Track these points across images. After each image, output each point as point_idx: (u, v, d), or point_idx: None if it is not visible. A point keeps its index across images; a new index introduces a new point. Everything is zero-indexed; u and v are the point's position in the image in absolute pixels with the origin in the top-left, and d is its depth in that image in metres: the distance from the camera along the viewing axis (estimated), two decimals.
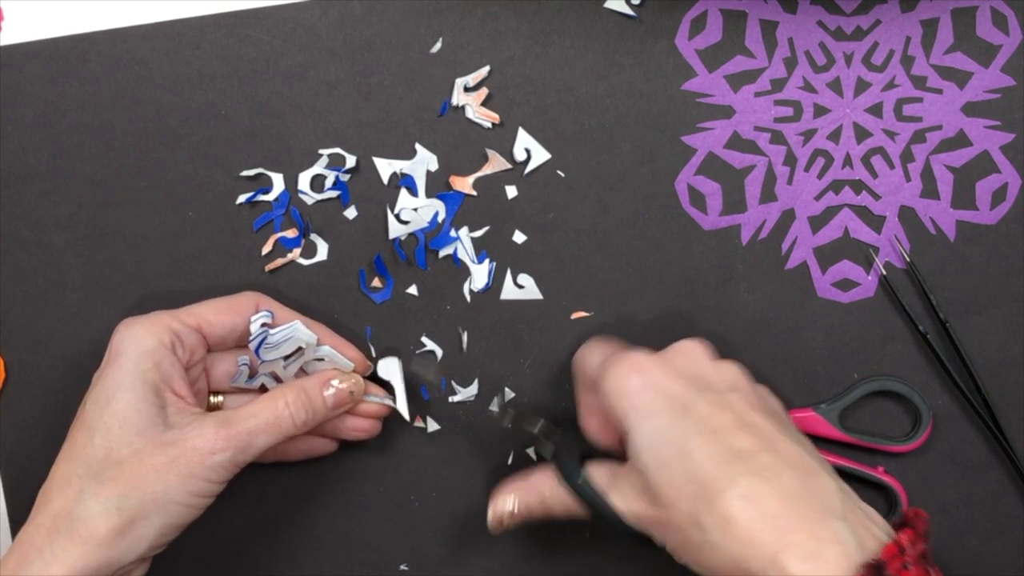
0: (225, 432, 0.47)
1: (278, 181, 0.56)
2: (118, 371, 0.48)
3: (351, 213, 0.56)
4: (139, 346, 0.49)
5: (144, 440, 0.47)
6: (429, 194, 0.56)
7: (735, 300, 0.55)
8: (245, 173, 0.56)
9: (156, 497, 0.46)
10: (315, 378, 0.51)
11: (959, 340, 0.54)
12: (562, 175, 0.55)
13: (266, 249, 0.56)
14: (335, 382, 0.51)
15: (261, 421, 0.48)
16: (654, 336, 0.55)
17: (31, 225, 0.56)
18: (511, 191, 0.56)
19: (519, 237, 0.56)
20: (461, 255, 0.56)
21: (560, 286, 0.56)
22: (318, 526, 0.57)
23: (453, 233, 0.56)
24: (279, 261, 0.56)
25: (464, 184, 0.56)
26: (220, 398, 0.53)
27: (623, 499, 0.47)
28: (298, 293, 0.56)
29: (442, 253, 0.56)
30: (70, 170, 0.56)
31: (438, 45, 0.55)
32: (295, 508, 0.56)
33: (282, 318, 0.52)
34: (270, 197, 0.56)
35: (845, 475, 0.55)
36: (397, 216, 0.56)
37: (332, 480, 0.56)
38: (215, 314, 0.51)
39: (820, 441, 0.55)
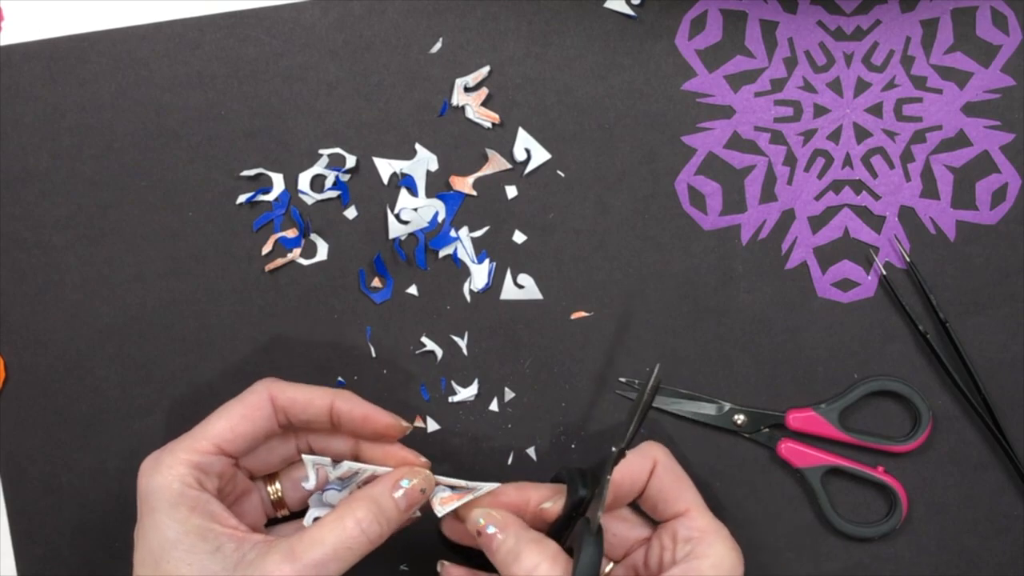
0: (291, 569, 0.43)
1: (278, 181, 0.56)
2: (156, 529, 0.45)
3: (351, 213, 0.56)
4: (167, 496, 0.45)
5: None
6: (429, 194, 0.56)
7: (735, 300, 0.55)
8: (245, 173, 0.56)
9: None
10: (383, 482, 0.47)
11: (959, 340, 0.54)
12: (562, 175, 0.55)
13: (266, 249, 0.56)
14: (404, 482, 0.47)
15: (330, 549, 0.44)
16: (654, 336, 0.55)
17: (31, 225, 0.56)
18: (511, 191, 0.56)
19: (519, 237, 0.56)
20: (461, 255, 0.56)
21: (560, 286, 0.56)
22: None
23: (453, 233, 0.56)
24: (279, 261, 0.56)
25: (464, 184, 0.56)
26: (277, 485, 0.51)
27: None
28: (298, 293, 0.56)
29: (442, 253, 0.56)
30: (70, 170, 0.56)
31: (438, 45, 0.55)
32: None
33: (297, 398, 0.48)
34: (270, 197, 0.56)
35: (845, 475, 0.55)
36: (397, 216, 0.56)
37: None
38: (231, 431, 0.47)
39: (820, 441, 0.55)
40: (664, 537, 0.49)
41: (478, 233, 0.56)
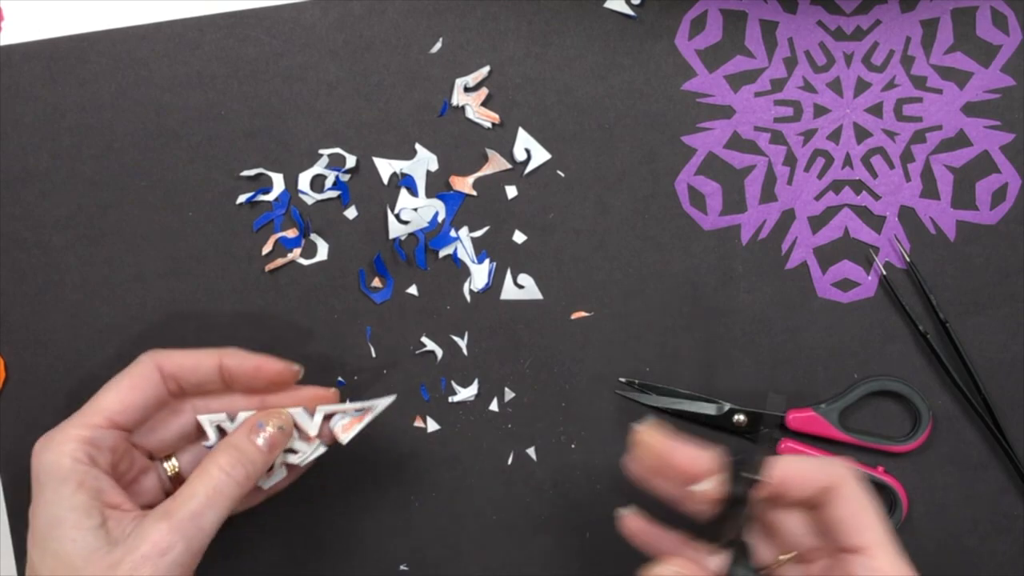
0: (167, 525, 0.44)
1: (278, 181, 0.56)
2: (44, 507, 0.45)
3: (351, 213, 0.56)
4: (56, 473, 0.45)
5: (92, 570, 0.44)
6: (429, 194, 0.56)
7: (735, 300, 0.55)
8: (245, 173, 0.56)
9: None
10: (241, 429, 0.48)
11: (959, 340, 0.54)
12: (562, 175, 0.55)
13: (266, 249, 0.56)
14: (262, 424, 0.48)
15: (202, 497, 0.45)
16: (654, 336, 0.55)
17: (31, 225, 0.56)
18: (511, 191, 0.56)
19: (519, 237, 0.56)
20: (461, 255, 0.56)
21: (560, 286, 0.56)
22: (318, 526, 0.57)
23: (453, 233, 0.56)
24: (279, 261, 0.56)
25: (464, 184, 0.56)
26: (174, 461, 0.51)
27: None
28: (298, 293, 0.56)
29: (442, 253, 0.56)
30: (70, 170, 0.56)
31: (438, 45, 0.55)
32: (295, 508, 0.56)
33: (184, 362, 0.49)
34: (270, 197, 0.56)
35: None
36: (397, 216, 0.56)
37: (332, 480, 0.56)
38: (120, 403, 0.47)
39: (820, 441, 0.55)
40: (836, 570, 0.44)
41: (478, 233, 0.56)
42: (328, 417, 0.50)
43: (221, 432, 0.50)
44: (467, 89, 0.55)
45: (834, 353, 0.55)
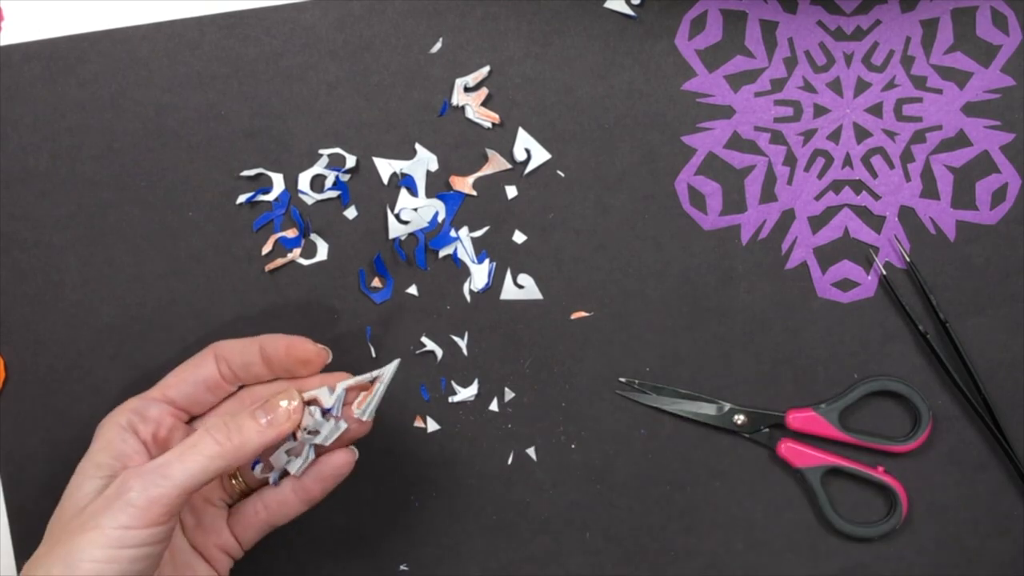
0: (135, 470, 0.45)
1: (278, 181, 0.56)
2: (80, 463, 0.49)
3: (351, 213, 0.56)
4: (96, 435, 0.49)
5: (72, 512, 0.46)
6: (429, 194, 0.56)
7: (735, 300, 0.55)
8: (245, 173, 0.56)
9: (70, 560, 0.43)
10: (250, 405, 0.49)
11: (959, 340, 0.54)
12: (562, 175, 0.55)
13: (266, 249, 0.56)
14: (269, 401, 0.49)
15: (176, 451, 0.46)
16: (654, 336, 0.55)
17: (31, 225, 0.56)
18: (511, 191, 0.56)
19: (519, 237, 0.56)
20: (461, 255, 0.56)
21: (560, 286, 0.56)
22: (318, 526, 0.57)
23: (453, 233, 0.56)
24: (279, 261, 0.56)
25: (464, 184, 0.56)
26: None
27: None
28: (298, 293, 0.56)
29: (442, 253, 0.56)
30: (70, 170, 0.56)
31: (438, 45, 0.55)
32: None
33: (233, 346, 0.51)
34: (270, 197, 0.56)
35: (845, 475, 0.55)
36: (397, 216, 0.56)
37: None
38: (174, 378, 0.51)
39: (820, 441, 0.55)
40: None
41: (478, 233, 0.56)
42: (349, 398, 0.50)
43: None
44: (467, 89, 0.55)
45: (834, 353, 0.55)
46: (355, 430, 0.50)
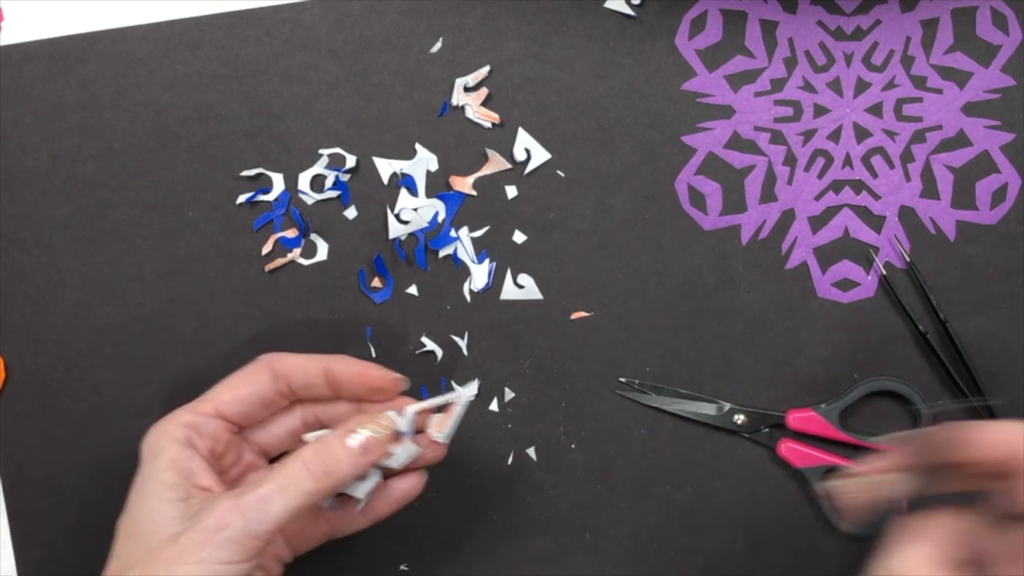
0: (232, 503, 0.44)
1: (278, 181, 0.56)
2: (139, 481, 0.47)
3: (351, 213, 0.56)
4: (154, 449, 0.47)
5: (159, 538, 0.44)
6: (429, 194, 0.56)
7: (735, 300, 0.55)
8: (245, 173, 0.56)
9: None
10: (337, 430, 0.48)
11: (959, 340, 0.54)
12: (562, 175, 0.55)
13: (266, 249, 0.56)
14: (357, 427, 0.47)
15: (274, 484, 0.45)
16: (654, 336, 0.55)
17: (31, 225, 0.56)
18: (511, 191, 0.56)
19: (519, 237, 0.56)
20: (461, 255, 0.56)
21: (560, 286, 0.56)
22: None
23: (453, 233, 0.56)
24: (279, 261, 0.56)
25: (464, 184, 0.56)
26: None
27: None
28: (298, 293, 0.56)
29: (442, 253, 0.56)
30: (70, 170, 0.56)
31: (438, 45, 0.55)
32: None
33: (296, 363, 0.50)
34: (270, 197, 0.56)
35: None
36: (397, 216, 0.56)
37: None
38: (228, 393, 0.49)
39: (820, 441, 0.55)
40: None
41: (478, 233, 0.56)
42: (422, 421, 0.50)
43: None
44: (467, 89, 0.55)
45: (834, 353, 0.55)
46: (429, 455, 0.50)
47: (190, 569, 0.43)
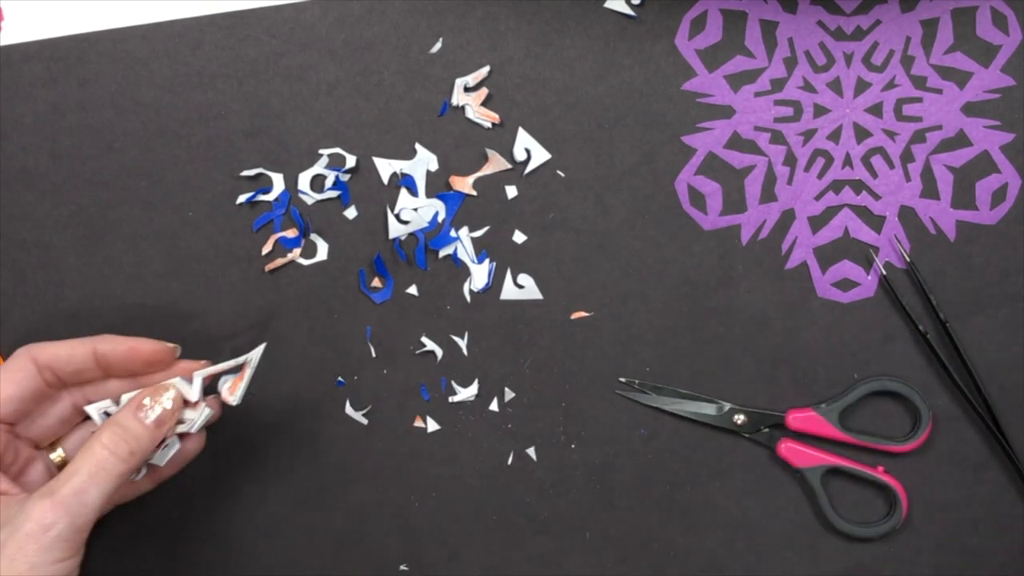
0: (50, 502, 0.44)
1: (278, 181, 0.56)
2: None
3: (351, 213, 0.56)
4: None
5: None
6: (429, 194, 0.56)
7: (735, 300, 0.55)
8: (245, 173, 0.56)
9: None
10: (127, 407, 0.48)
11: (959, 340, 0.54)
12: (562, 175, 0.55)
13: (266, 249, 0.56)
14: (147, 401, 0.48)
15: (84, 475, 0.45)
16: (654, 336, 0.55)
17: (31, 225, 0.56)
18: (511, 191, 0.56)
19: (519, 237, 0.56)
20: (461, 255, 0.56)
21: (560, 286, 0.56)
22: (318, 527, 0.57)
23: (453, 233, 0.56)
24: (279, 261, 0.56)
25: (464, 184, 0.56)
26: (60, 450, 0.52)
27: None
28: (298, 293, 0.56)
29: (442, 253, 0.56)
30: (70, 170, 0.56)
31: (438, 45, 0.55)
32: (295, 509, 0.56)
33: (59, 352, 0.50)
34: (270, 197, 0.56)
35: (845, 475, 0.55)
36: (397, 216, 0.56)
37: (332, 481, 0.56)
38: None
39: (820, 441, 0.55)
40: None
41: (478, 233, 0.56)
42: (211, 385, 0.51)
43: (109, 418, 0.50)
44: (467, 89, 0.55)
45: (834, 353, 0.55)
46: (216, 416, 0.51)
47: (27, 573, 0.43)
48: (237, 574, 0.57)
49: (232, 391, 0.51)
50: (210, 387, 0.51)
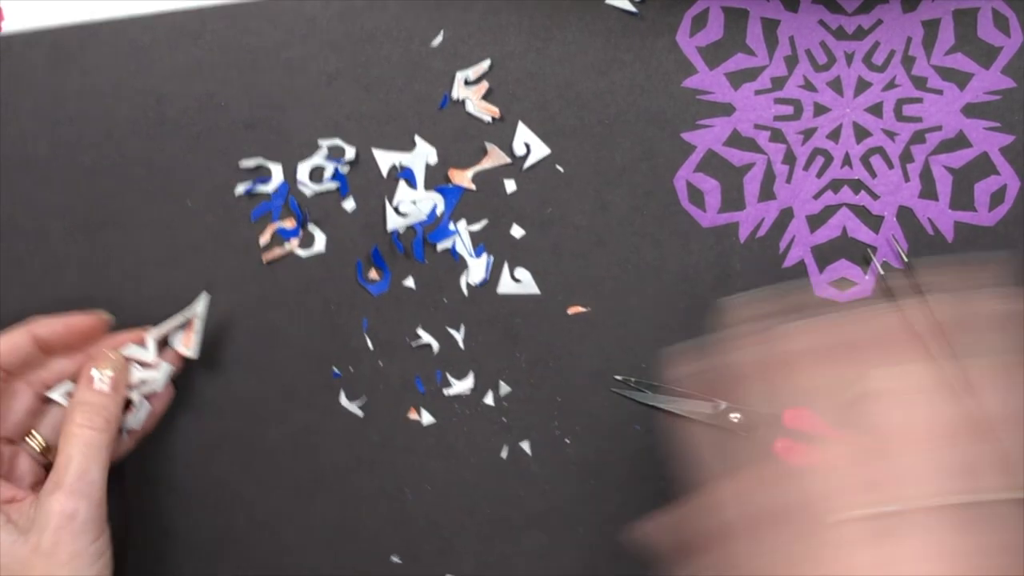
0: (62, 494, 0.46)
1: (277, 172, 0.56)
2: None
3: (350, 205, 0.56)
4: None
5: (17, 560, 0.46)
6: (428, 187, 0.56)
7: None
8: (244, 163, 0.56)
9: None
10: (80, 385, 0.50)
11: None
12: (561, 170, 0.55)
13: (264, 240, 0.56)
14: (95, 373, 0.50)
15: (79, 457, 0.47)
16: (651, 332, 0.55)
17: (29, 214, 0.56)
18: (510, 185, 0.56)
19: (517, 231, 0.56)
20: (459, 248, 0.56)
21: (557, 281, 0.56)
22: (311, 518, 0.56)
23: (451, 226, 0.56)
24: (277, 252, 0.56)
25: (463, 178, 0.56)
26: (37, 438, 0.52)
27: None
28: (295, 284, 0.56)
29: (440, 246, 0.56)
30: (69, 159, 0.56)
31: (439, 38, 0.55)
32: (289, 499, 0.56)
33: (5, 346, 0.50)
34: (269, 188, 0.56)
35: None
36: (396, 208, 0.56)
37: (326, 472, 0.56)
38: None
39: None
40: None
41: (476, 227, 0.56)
42: (164, 344, 0.54)
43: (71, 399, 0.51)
44: (468, 83, 0.55)
45: None
46: (179, 369, 0.54)
47: (69, 567, 0.45)
48: (230, 564, 0.57)
49: (187, 344, 0.53)
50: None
